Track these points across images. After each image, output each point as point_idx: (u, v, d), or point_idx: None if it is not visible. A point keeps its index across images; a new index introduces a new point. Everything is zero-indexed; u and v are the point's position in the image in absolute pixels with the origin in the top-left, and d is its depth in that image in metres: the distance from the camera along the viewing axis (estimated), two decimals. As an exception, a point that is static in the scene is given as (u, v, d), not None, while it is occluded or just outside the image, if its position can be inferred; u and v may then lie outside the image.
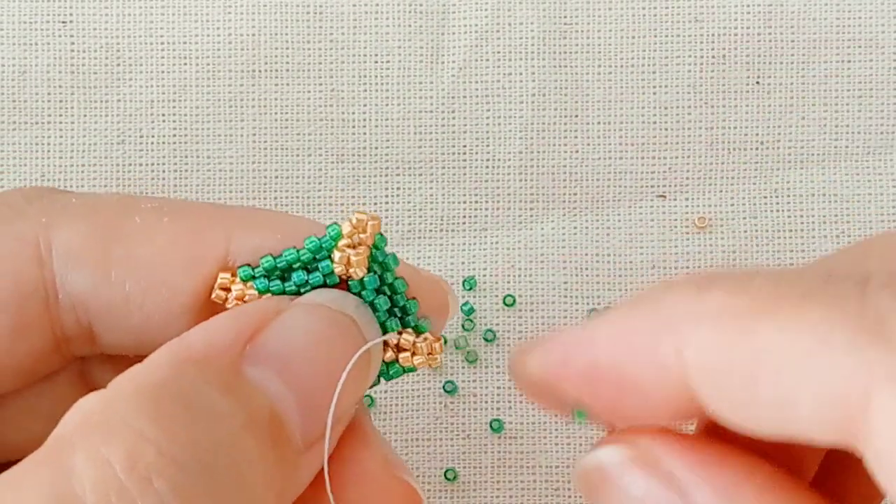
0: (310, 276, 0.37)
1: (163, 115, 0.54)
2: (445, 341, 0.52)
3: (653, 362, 0.33)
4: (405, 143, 0.54)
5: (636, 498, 0.35)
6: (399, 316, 0.38)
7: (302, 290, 0.37)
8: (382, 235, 0.37)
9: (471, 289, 0.53)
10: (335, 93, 0.54)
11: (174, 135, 0.54)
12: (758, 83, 0.55)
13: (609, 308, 0.51)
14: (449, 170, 0.54)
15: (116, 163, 0.54)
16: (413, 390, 0.53)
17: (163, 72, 0.54)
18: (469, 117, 0.54)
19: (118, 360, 0.40)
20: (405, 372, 0.39)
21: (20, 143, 0.54)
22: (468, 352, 0.53)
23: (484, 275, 0.54)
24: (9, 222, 0.37)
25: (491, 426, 0.52)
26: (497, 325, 0.53)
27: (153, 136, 0.54)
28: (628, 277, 0.54)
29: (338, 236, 0.37)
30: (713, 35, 0.55)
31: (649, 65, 0.55)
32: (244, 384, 0.34)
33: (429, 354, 0.38)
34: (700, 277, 0.34)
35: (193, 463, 0.31)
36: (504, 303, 0.53)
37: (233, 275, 0.37)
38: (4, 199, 0.38)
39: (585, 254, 0.54)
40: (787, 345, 0.31)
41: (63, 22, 0.54)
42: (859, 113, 0.55)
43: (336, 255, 0.37)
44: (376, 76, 0.54)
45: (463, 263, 0.54)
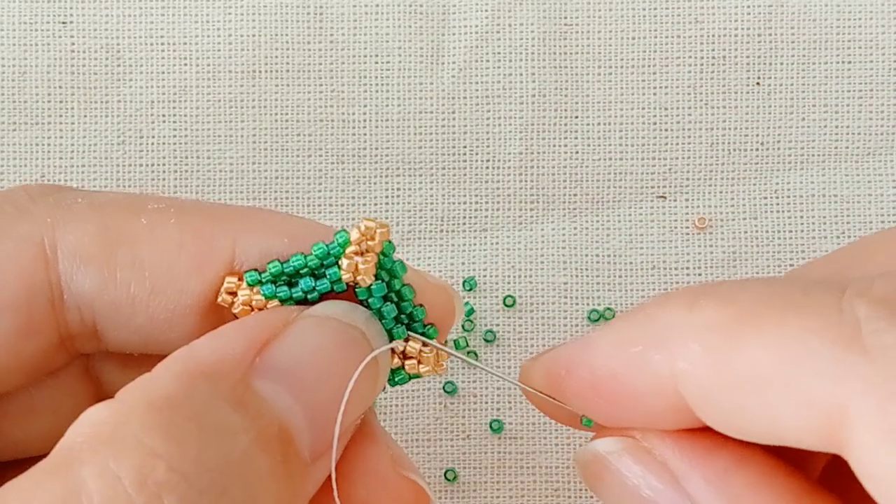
0: (317, 283, 0.37)
1: (163, 116, 0.54)
2: (458, 345, 0.52)
3: (647, 374, 0.34)
4: (405, 144, 0.54)
5: (632, 486, 0.35)
6: (406, 323, 0.38)
7: (309, 297, 0.37)
8: (391, 243, 0.37)
9: (471, 289, 0.53)
10: (335, 93, 0.54)
11: (174, 135, 0.54)
12: (758, 84, 0.55)
13: (608, 321, 0.51)
14: (449, 170, 0.54)
15: (116, 163, 0.54)
16: (413, 391, 0.53)
17: (163, 72, 0.54)
18: (469, 118, 0.54)
19: (123, 357, 0.40)
20: (411, 379, 0.39)
21: (20, 144, 0.54)
22: (468, 352, 0.53)
23: (484, 275, 0.54)
24: (14, 222, 0.37)
25: (491, 426, 0.52)
26: (497, 326, 0.53)
27: (153, 137, 0.54)
28: (628, 278, 0.54)
29: (346, 243, 0.37)
30: (713, 36, 0.55)
31: (649, 65, 0.55)
32: (254, 398, 0.34)
33: (435, 362, 0.38)
34: (692, 290, 0.35)
35: (203, 479, 0.31)
36: (504, 303, 0.53)
37: (239, 279, 0.37)
38: (9, 198, 0.38)
39: (585, 254, 0.54)
40: (770, 356, 0.32)
41: (63, 22, 0.54)
42: (859, 114, 0.55)
43: (344, 263, 0.37)
44: (376, 77, 0.54)
45: (463, 264, 0.54)
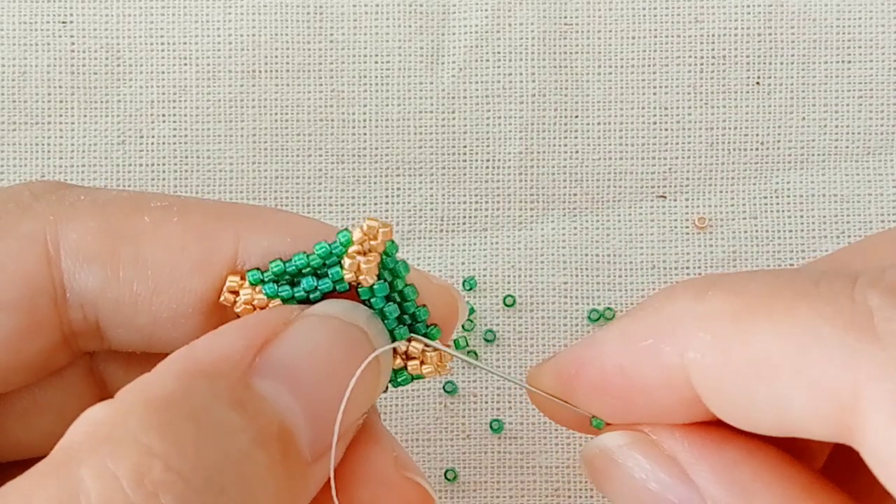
0: (319, 283, 0.37)
1: (163, 116, 0.54)
2: (458, 345, 0.52)
3: (657, 366, 0.34)
4: (405, 144, 0.54)
5: (639, 479, 0.35)
6: (409, 323, 0.38)
7: (311, 297, 0.37)
8: (394, 242, 0.37)
9: (471, 289, 0.53)
10: (335, 93, 0.54)
11: (174, 135, 0.54)
12: (758, 84, 0.55)
13: (608, 321, 0.51)
14: (449, 170, 0.54)
15: (116, 163, 0.54)
16: (413, 390, 0.53)
17: (163, 72, 0.54)
18: (469, 118, 0.54)
19: (127, 356, 0.40)
20: (414, 379, 0.38)
21: (20, 144, 0.54)
22: (468, 352, 0.53)
23: (484, 275, 0.54)
24: (17, 220, 0.37)
25: (491, 426, 0.52)
26: (497, 326, 0.53)
27: (153, 137, 0.54)
28: (628, 278, 0.54)
29: (348, 242, 0.36)
30: (713, 35, 0.55)
31: (649, 65, 0.55)
32: (254, 398, 0.34)
33: (438, 362, 0.38)
34: (699, 281, 0.35)
35: (201, 478, 0.31)
36: (504, 303, 0.53)
37: (242, 278, 0.37)
38: (12, 195, 0.38)
39: (585, 254, 0.54)
40: (781, 344, 0.32)
41: (63, 22, 0.54)
42: (859, 113, 0.55)
43: (346, 262, 0.36)
44: (376, 76, 0.54)
45: (463, 264, 0.54)
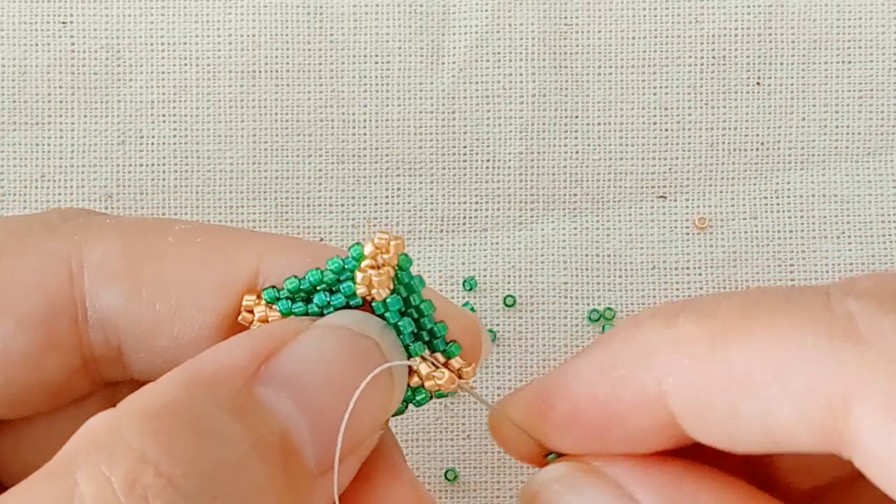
0: (332, 298, 0.37)
1: (163, 116, 0.54)
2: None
3: (633, 394, 0.34)
4: (405, 144, 0.54)
5: None
6: (427, 340, 0.37)
7: (325, 312, 0.37)
8: (407, 256, 0.37)
9: (471, 289, 0.53)
10: (335, 93, 0.54)
11: (174, 135, 0.54)
12: (758, 84, 0.55)
13: (608, 321, 0.51)
14: (449, 170, 0.54)
15: (117, 163, 0.54)
16: (413, 391, 0.52)
17: (163, 72, 0.54)
18: (469, 118, 0.54)
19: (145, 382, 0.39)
20: (434, 397, 0.38)
21: (20, 144, 0.54)
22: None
23: (484, 275, 0.54)
24: (42, 239, 0.37)
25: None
26: (497, 326, 0.53)
27: (153, 137, 0.54)
28: (628, 278, 0.54)
29: (360, 257, 0.36)
30: (713, 36, 0.55)
31: (650, 66, 0.55)
32: (255, 406, 0.34)
33: (458, 379, 0.37)
34: (666, 307, 0.35)
35: (192, 485, 0.31)
36: (504, 303, 0.53)
37: (258, 297, 0.37)
38: (41, 219, 0.38)
39: (586, 254, 0.54)
40: (763, 357, 0.32)
41: (63, 22, 0.54)
42: (859, 114, 0.55)
43: (358, 276, 0.36)
44: (376, 77, 0.54)
45: (463, 264, 0.54)
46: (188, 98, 0.54)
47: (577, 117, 0.54)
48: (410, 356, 0.37)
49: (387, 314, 0.37)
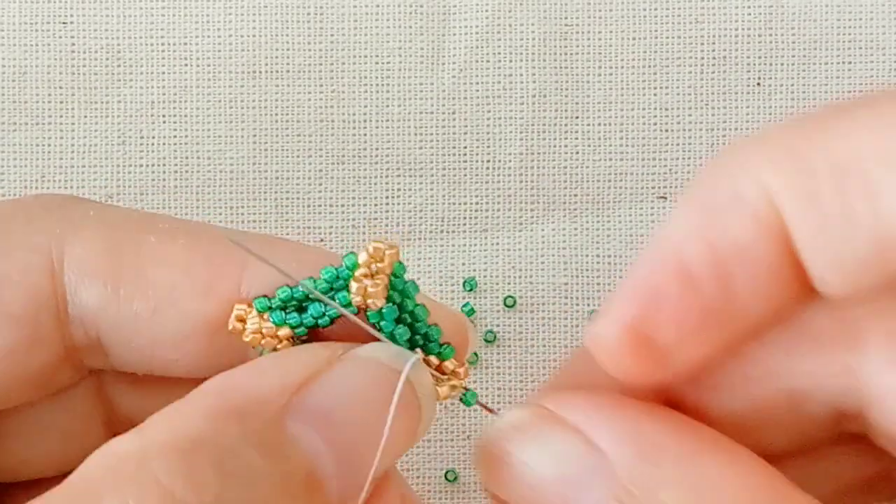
0: (327, 308, 0.36)
1: (163, 116, 0.54)
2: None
3: (739, 210, 0.31)
4: (406, 144, 0.54)
5: (531, 467, 0.34)
6: (421, 344, 0.37)
7: (320, 322, 0.37)
8: (401, 263, 0.36)
9: (471, 290, 0.53)
10: (335, 94, 0.54)
11: (174, 136, 0.54)
12: (758, 84, 0.55)
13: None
14: (449, 171, 0.54)
15: (117, 164, 0.54)
16: (413, 391, 0.52)
17: (163, 73, 0.54)
18: (469, 118, 0.54)
19: (134, 377, 0.39)
20: None
21: (20, 144, 0.54)
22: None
23: (484, 276, 0.54)
24: (25, 232, 0.37)
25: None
26: (497, 327, 0.53)
27: (153, 137, 0.54)
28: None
29: (354, 266, 0.36)
30: (714, 36, 0.55)
31: (650, 66, 0.55)
32: (284, 441, 0.33)
33: (453, 383, 0.37)
34: (744, 141, 0.32)
35: None
36: (504, 304, 0.53)
37: (249, 305, 0.37)
38: (22, 206, 0.38)
39: (586, 255, 0.54)
40: (869, 143, 0.28)
41: (63, 23, 0.54)
42: (860, 114, 0.55)
43: (353, 286, 0.36)
44: (377, 77, 0.54)
45: (463, 264, 0.54)
46: (188, 98, 0.54)
47: (578, 118, 0.54)
48: None
49: (382, 323, 0.36)
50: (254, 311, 0.37)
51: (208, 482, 0.31)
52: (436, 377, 0.37)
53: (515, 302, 0.53)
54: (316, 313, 0.37)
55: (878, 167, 0.28)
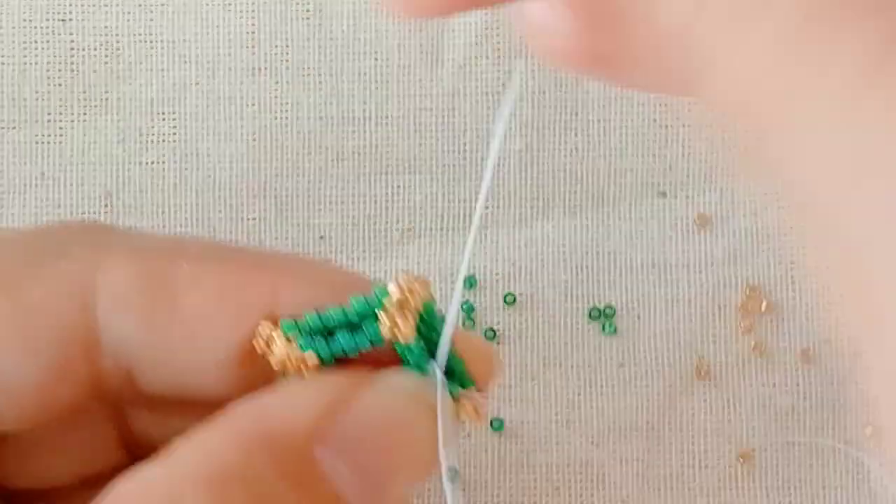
0: (355, 337, 0.37)
1: (162, 114, 0.54)
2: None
3: None
4: (405, 142, 0.54)
5: None
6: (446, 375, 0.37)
7: (346, 350, 0.37)
8: (432, 298, 0.37)
9: (471, 287, 0.53)
10: (335, 91, 0.54)
11: (174, 133, 0.54)
12: (759, 81, 0.54)
13: (615, 316, 0.51)
14: (449, 168, 0.54)
15: (116, 161, 0.54)
16: (413, 389, 0.52)
17: (162, 70, 0.54)
18: (469, 116, 0.54)
19: (154, 400, 0.39)
20: None
21: (20, 142, 0.54)
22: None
23: (484, 273, 0.54)
24: (54, 261, 0.37)
25: (491, 425, 0.52)
26: (498, 324, 0.53)
27: (153, 135, 0.54)
28: (629, 275, 0.53)
29: (384, 296, 0.36)
30: (714, 33, 0.55)
31: (650, 63, 0.54)
32: (313, 472, 0.33)
33: (475, 414, 0.38)
34: None
35: None
36: (504, 301, 0.53)
37: (274, 324, 0.37)
38: (50, 234, 0.38)
39: (586, 252, 0.54)
40: None
41: (62, 20, 0.54)
42: (861, 111, 0.54)
43: (383, 318, 0.36)
44: (376, 74, 0.54)
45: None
46: (188, 96, 0.54)
47: (578, 114, 0.54)
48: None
49: (409, 356, 0.37)
50: (280, 332, 0.37)
51: None
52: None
53: (515, 299, 0.53)
54: (345, 342, 0.37)
55: None
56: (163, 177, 0.54)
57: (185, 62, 0.54)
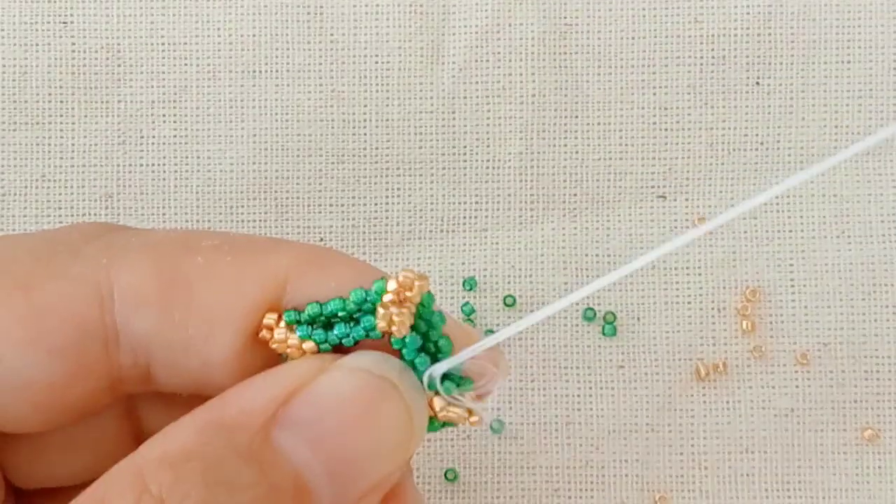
0: (352, 329, 0.37)
1: (163, 116, 0.54)
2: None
3: None
4: (405, 144, 0.54)
5: None
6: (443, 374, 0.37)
7: (343, 342, 0.37)
8: (430, 294, 0.37)
9: (471, 289, 0.53)
10: (335, 93, 0.54)
11: (174, 135, 0.54)
12: (758, 84, 0.55)
13: (614, 321, 0.51)
14: (449, 170, 0.54)
15: (117, 163, 0.54)
16: (413, 390, 0.52)
17: (163, 72, 0.54)
18: (469, 118, 0.54)
19: (166, 397, 0.39)
20: (444, 426, 0.38)
21: (21, 144, 0.54)
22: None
23: (484, 275, 0.54)
24: (68, 263, 0.37)
25: (491, 427, 0.52)
26: (497, 326, 0.53)
27: (153, 137, 0.54)
28: (628, 278, 0.54)
29: (382, 291, 0.36)
30: (713, 36, 0.55)
31: (649, 65, 0.55)
32: (270, 452, 0.34)
33: (468, 411, 0.38)
34: None
35: None
36: (504, 303, 0.53)
37: (279, 316, 0.37)
38: (61, 238, 0.38)
39: (585, 254, 0.54)
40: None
41: (64, 22, 0.54)
42: (859, 114, 0.55)
43: (379, 312, 0.36)
44: (376, 77, 0.54)
45: (463, 264, 0.54)
46: (188, 98, 0.54)
47: (577, 117, 0.54)
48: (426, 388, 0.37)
49: (404, 351, 0.37)
50: (282, 322, 0.37)
51: (195, 492, 0.32)
52: (455, 405, 0.38)
53: (515, 301, 0.53)
54: (341, 333, 0.37)
55: None
56: (163, 179, 0.54)
57: (186, 64, 0.54)
